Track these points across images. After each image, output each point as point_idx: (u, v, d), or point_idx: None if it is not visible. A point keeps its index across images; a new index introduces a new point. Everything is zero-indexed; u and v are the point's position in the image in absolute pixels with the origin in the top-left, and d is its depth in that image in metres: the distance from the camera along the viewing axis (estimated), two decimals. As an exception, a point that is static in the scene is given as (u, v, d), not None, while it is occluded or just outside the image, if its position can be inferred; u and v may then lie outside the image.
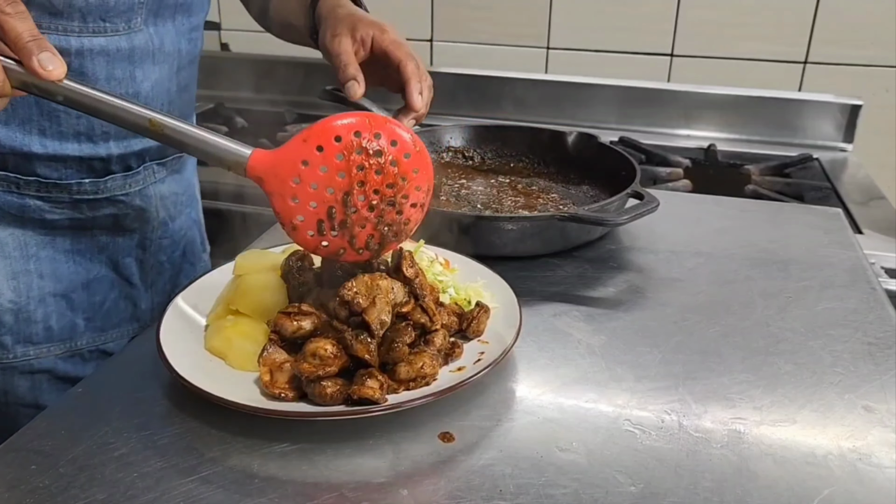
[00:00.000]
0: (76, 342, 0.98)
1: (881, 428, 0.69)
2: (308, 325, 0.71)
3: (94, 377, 0.76)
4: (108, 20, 0.85)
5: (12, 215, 0.90)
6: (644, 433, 0.68)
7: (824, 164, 1.80)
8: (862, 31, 1.86)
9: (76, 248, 0.95)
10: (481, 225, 0.97)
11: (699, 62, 1.97)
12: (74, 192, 0.91)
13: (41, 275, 0.93)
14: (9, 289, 0.91)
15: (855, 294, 0.92)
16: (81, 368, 0.98)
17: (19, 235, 0.91)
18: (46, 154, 0.88)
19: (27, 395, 0.96)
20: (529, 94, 2.03)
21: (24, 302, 0.92)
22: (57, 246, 0.93)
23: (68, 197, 0.91)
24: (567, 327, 0.85)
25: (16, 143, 0.87)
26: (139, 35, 0.89)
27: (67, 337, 0.97)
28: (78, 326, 0.97)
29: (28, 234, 0.91)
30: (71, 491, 0.60)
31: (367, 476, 0.62)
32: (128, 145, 0.93)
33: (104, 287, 0.98)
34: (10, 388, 0.95)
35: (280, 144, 0.67)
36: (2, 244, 0.90)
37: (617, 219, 0.97)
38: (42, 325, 0.94)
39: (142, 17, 0.89)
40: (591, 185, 1.19)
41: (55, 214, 0.91)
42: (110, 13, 0.85)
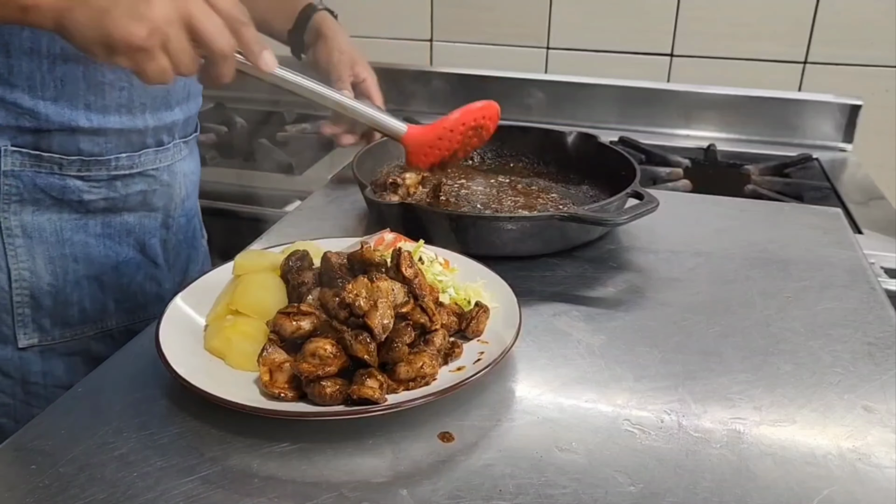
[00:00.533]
0: (107, 323, 1.03)
1: (881, 428, 0.69)
2: (307, 325, 0.71)
3: (95, 377, 0.76)
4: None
5: (52, 199, 0.94)
6: (644, 433, 0.68)
7: (824, 164, 1.80)
8: (862, 32, 1.86)
9: (106, 232, 1.00)
10: (481, 225, 0.97)
11: (699, 62, 1.97)
12: (112, 167, 0.96)
13: (76, 258, 0.98)
14: (47, 273, 0.96)
15: (855, 294, 0.92)
16: (112, 348, 0.99)
17: (55, 221, 0.95)
18: (91, 128, 0.93)
19: (63, 376, 1.00)
20: (529, 94, 2.03)
21: (61, 285, 0.97)
22: (89, 230, 0.98)
23: (106, 174, 0.96)
24: (567, 327, 0.85)
25: (63, 119, 0.91)
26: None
27: (99, 318, 1.02)
28: (109, 308, 1.02)
29: (63, 219, 0.96)
30: (71, 490, 0.60)
31: (367, 476, 0.62)
32: (160, 118, 0.99)
33: (132, 269, 1.04)
34: (49, 370, 1.00)
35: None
36: (40, 230, 0.95)
37: (616, 219, 0.97)
38: (77, 308, 0.99)
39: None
40: (590, 185, 1.20)
41: (92, 195, 0.96)
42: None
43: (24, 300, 0.96)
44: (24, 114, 0.90)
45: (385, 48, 2.14)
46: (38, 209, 0.94)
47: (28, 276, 0.95)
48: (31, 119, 0.90)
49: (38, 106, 0.90)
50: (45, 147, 0.92)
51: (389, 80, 2.09)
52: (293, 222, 1.13)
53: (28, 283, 0.95)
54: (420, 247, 0.88)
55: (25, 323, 0.97)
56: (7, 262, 0.94)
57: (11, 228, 0.93)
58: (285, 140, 1.96)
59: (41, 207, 0.94)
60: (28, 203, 0.93)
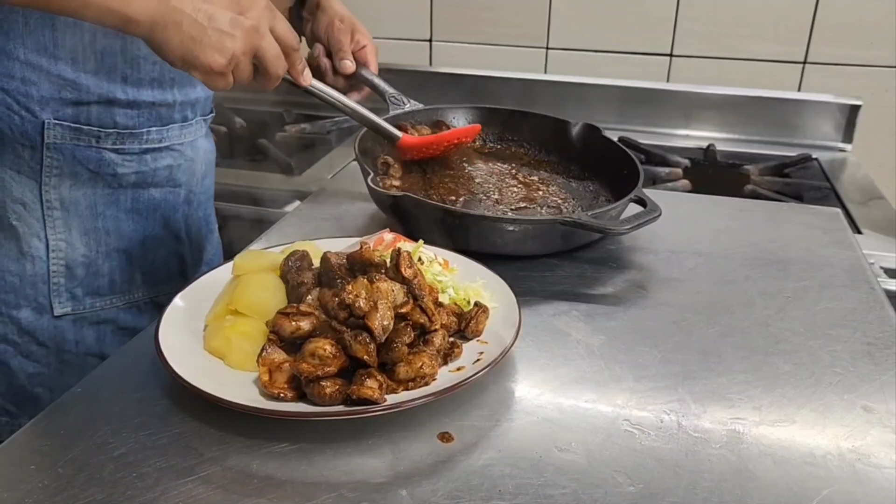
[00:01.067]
0: (134, 294, 1.08)
1: (880, 428, 0.69)
2: (306, 326, 0.71)
3: (94, 377, 0.76)
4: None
5: (89, 172, 0.99)
6: (643, 433, 0.68)
7: (823, 164, 1.80)
8: (861, 32, 1.86)
9: (135, 208, 1.05)
10: (482, 225, 0.97)
11: (698, 62, 1.97)
12: (144, 140, 1.02)
13: (108, 231, 1.03)
14: (82, 244, 1.01)
15: (854, 294, 0.92)
16: (139, 319, 1.08)
17: (90, 195, 1.00)
18: (127, 100, 0.98)
19: (94, 345, 1.05)
20: (529, 94, 2.03)
21: (93, 256, 1.02)
22: (120, 205, 1.03)
23: (138, 147, 1.01)
24: (566, 327, 0.85)
25: (103, 91, 0.96)
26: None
27: (127, 290, 1.07)
28: (136, 280, 1.08)
29: (97, 194, 1.01)
30: (70, 491, 0.60)
31: (366, 476, 0.62)
32: (186, 94, 1.05)
33: (156, 244, 1.09)
34: (81, 339, 1.04)
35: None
36: (76, 203, 1.00)
37: (619, 227, 0.97)
38: (108, 279, 1.04)
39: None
40: (591, 181, 1.18)
41: (125, 168, 1.01)
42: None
43: (59, 270, 1.00)
44: (66, 85, 0.94)
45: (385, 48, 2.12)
46: (75, 183, 0.99)
47: (64, 246, 1.00)
48: (72, 91, 0.95)
49: (79, 78, 0.94)
50: (85, 120, 0.97)
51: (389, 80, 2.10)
52: (293, 222, 1.13)
53: (64, 254, 1.00)
54: (420, 247, 0.88)
55: (60, 292, 1.01)
56: (46, 233, 0.99)
57: (51, 201, 0.98)
58: (285, 140, 1.96)
59: (78, 181, 0.99)
60: (67, 177, 0.98)
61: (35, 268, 0.99)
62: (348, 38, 1.20)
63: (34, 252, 0.99)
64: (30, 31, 0.91)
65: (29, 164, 0.96)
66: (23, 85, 0.93)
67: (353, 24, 1.21)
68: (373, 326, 0.68)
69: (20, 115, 0.94)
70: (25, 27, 0.91)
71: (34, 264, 0.99)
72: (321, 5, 1.23)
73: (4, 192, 0.97)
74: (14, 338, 1.01)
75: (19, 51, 0.92)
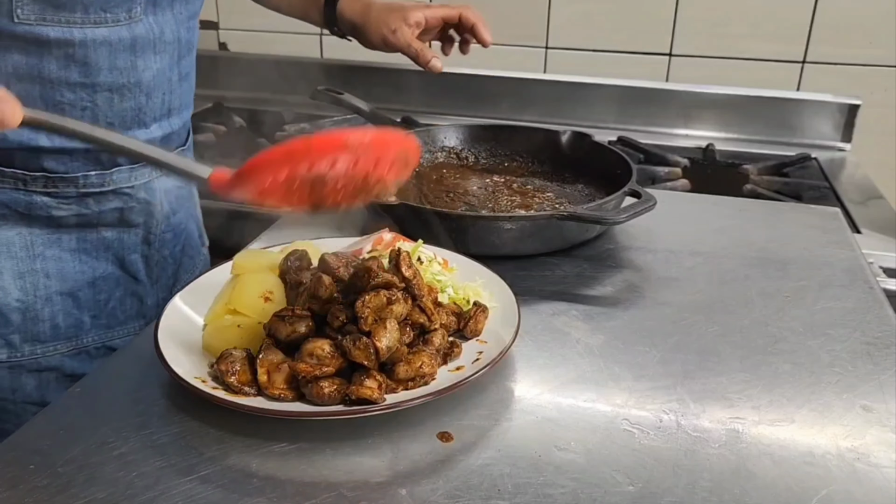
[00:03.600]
0: (82, 339, 0.99)
1: (879, 427, 0.69)
2: (303, 329, 0.71)
3: (93, 377, 0.76)
4: (109, 10, 0.87)
5: (19, 213, 0.91)
6: (642, 433, 0.68)
7: (822, 164, 1.80)
8: (860, 31, 1.86)
9: (82, 247, 0.96)
10: (480, 224, 0.97)
11: (697, 62, 1.97)
12: (81, 185, 0.92)
13: (47, 274, 0.94)
14: (16, 288, 0.93)
15: (853, 294, 0.93)
16: (88, 365, 0.99)
17: (26, 235, 0.92)
18: (53, 147, 0.89)
19: (34, 392, 0.97)
20: (528, 93, 2.03)
21: (31, 301, 0.94)
22: (63, 245, 0.94)
23: (75, 191, 0.92)
24: (565, 326, 0.85)
25: (23, 139, 0.87)
26: (140, 25, 0.91)
27: (74, 335, 0.98)
28: (84, 324, 0.99)
29: (34, 233, 0.92)
30: (70, 490, 0.60)
31: (366, 475, 0.62)
32: (134, 136, 0.93)
33: (110, 285, 1.00)
34: (19, 387, 0.96)
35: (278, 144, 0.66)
36: (8, 244, 0.91)
37: (615, 217, 0.97)
38: (49, 324, 0.96)
39: (141, 7, 0.90)
40: (585, 184, 1.20)
41: (62, 211, 0.92)
42: (111, 3, 0.86)
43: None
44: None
45: (384, 48, 2.13)
46: (6, 223, 0.91)
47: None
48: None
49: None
50: (7, 163, 0.89)
51: (389, 80, 2.10)
52: (292, 222, 1.12)
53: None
54: (419, 247, 0.88)
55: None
56: None
57: None
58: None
59: (9, 222, 0.91)
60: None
61: None
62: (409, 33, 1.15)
63: None
64: None
65: None
66: None
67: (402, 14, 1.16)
68: (380, 347, 0.67)
69: None
70: None
71: None
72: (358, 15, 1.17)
73: None
74: None
75: None
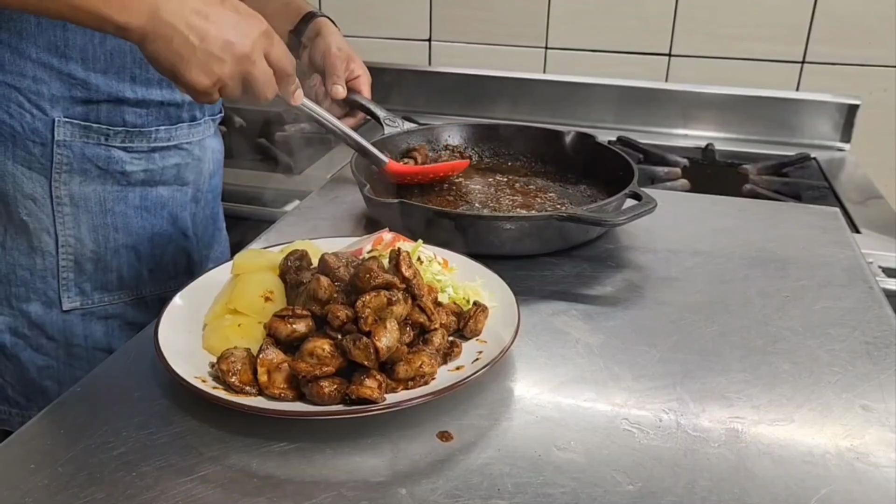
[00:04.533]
0: (141, 290, 1.10)
1: (879, 427, 0.69)
2: (302, 328, 0.71)
3: (93, 377, 0.76)
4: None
5: (98, 169, 1.01)
6: (642, 432, 0.68)
7: (822, 164, 1.81)
8: (859, 31, 1.86)
9: (144, 205, 1.06)
10: (480, 224, 0.97)
11: (697, 62, 1.97)
12: (152, 139, 1.04)
13: (116, 228, 1.05)
14: (91, 240, 1.03)
15: (853, 293, 0.93)
16: (146, 315, 1.09)
17: (100, 192, 1.02)
18: (136, 99, 1.00)
19: (102, 339, 1.07)
20: (528, 93, 2.03)
21: (102, 252, 1.04)
22: (129, 202, 1.05)
23: (147, 145, 1.03)
24: (565, 326, 0.85)
25: (112, 90, 0.98)
26: None
27: (135, 286, 1.09)
28: (143, 276, 1.09)
29: (107, 190, 1.03)
30: (70, 490, 0.60)
31: (366, 475, 0.62)
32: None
33: (164, 240, 1.11)
34: (90, 333, 1.06)
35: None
36: (86, 199, 1.01)
37: (615, 219, 0.97)
38: (116, 275, 1.07)
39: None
40: (588, 185, 1.20)
41: (133, 165, 1.03)
42: None
43: (68, 265, 1.02)
44: (76, 84, 0.96)
45: (384, 48, 2.13)
46: (85, 180, 1.00)
47: (73, 242, 1.02)
48: (83, 89, 0.97)
49: (89, 77, 0.96)
50: (94, 118, 0.99)
51: (388, 79, 2.10)
52: (292, 222, 1.13)
53: (73, 249, 1.02)
54: (419, 246, 0.88)
55: (69, 287, 1.03)
56: (55, 228, 1.01)
57: (61, 197, 1.00)
58: (285, 140, 1.96)
59: (88, 178, 1.01)
60: (76, 173, 1.00)
61: (45, 262, 1.01)
62: (343, 65, 1.23)
63: (44, 247, 1.01)
64: (41, 30, 0.93)
65: (39, 161, 0.98)
66: (34, 83, 0.95)
67: (349, 53, 1.24)
68: (380, 347, 0.67)
69: (31, 113, 0.96)
70: (38, 26, 0.93)
71: (44, 259, 1.01)
72: (321, 33, 1.26)
73: (15, 188, 0.98)
74: (24, 331, 1.04)
75: (31, 50, 0.93)
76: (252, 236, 1.07)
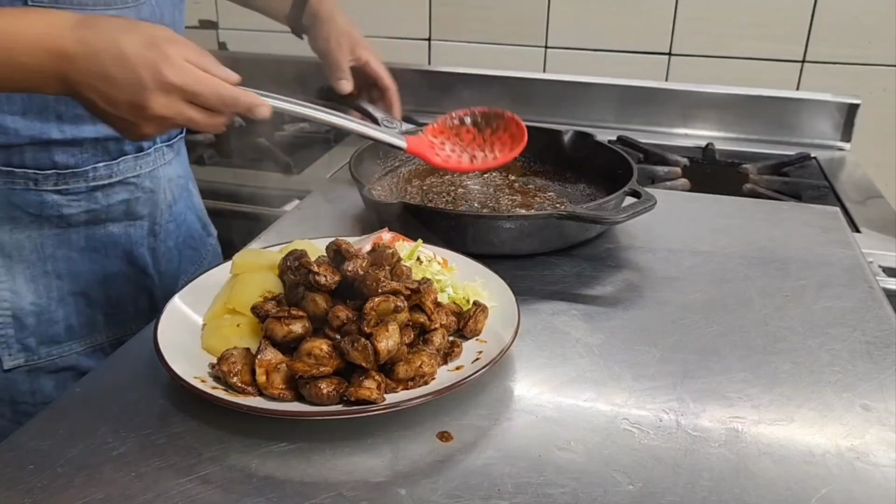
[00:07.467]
0: (97, 337, 1.01)
1: (879, 426, 0.69)
2: (299, 329, 0.71)
3: (93, 377, 0.76)
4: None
5: (30, 216, 0.92)
6: (642, 432, 0.68)
7: (822, 163, 1.80)
8: (860, 31, 1.86)
9: (91, 246, 0.97)
10: (480, 224, 0.97)
11: (697, 61, 1.97)
12: (90, 178, 0.94)
13: (59, 275, 0.96)
14: (29, 292, 0.94)
15: (853, 293, 0.92)
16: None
17: (36, 237, 0.93)
18: (64, 139, 0.90)
19: (53, 393, 0.98)
20: (527, 93, 2.03)
21: (45, 303, 0.95)
22: (72, 244, 0.96)
23: (84, 185, 0.94)
24: (565, 326, 0.85)
25: (35, 132, 0.89)
26: (145, 7, 0.93)
27: (88, 334, 1.00)
28: (98, 322, 1.00)
29: (44, 235, 0.93)
30: (69, 490, 0.60)
31: (366, 475, 0.62)
32: None
33: (120, 281, 1.02)
34: (37, 389, 0.98)
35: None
36: (19, 248, 0.92)
37: (615, 217, 0.97)
38: (64, 325, 0.97)
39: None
40: (587, 184, 1.20)
41: (72, 208, 0.94)
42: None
43: (6, 321, 0.94)
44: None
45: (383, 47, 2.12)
46: (17, 227, 0.92)
47: (9, 296, 0.93)
48: (1, 134, 0.88)
49: (6, 120, 0.88)
50: (18, 163, 0.90)
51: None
52: (291, 221, 1.12)
53: (10, 304, 0.93)
54: (419, 246, 0.88)
55: (10, 344, 0.94)
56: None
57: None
58: (284, 139, 1.96)
59: (19, 225, 0.92)
60: (5, 221, 0.91)
61: None
62: (346, 55, 1.15)
63: None
64: None
65: None
66: None
67: (351, 39, 1.16)
68: (380, 350, 0.67)
69: None
70: None
71: None
72: (320, 17, 1.17)
73: None
74: None
75: None
76: (251, 236, 1.07)
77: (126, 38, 0.70)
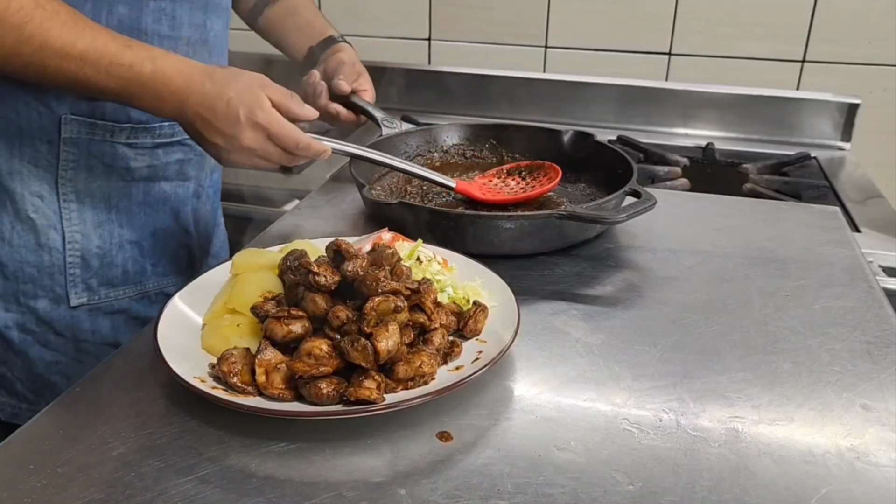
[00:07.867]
0: (145, 285, 1.12)
1: (879, 426, 0.69)
2: (299, 329, 0.71)
3: (93, 377, 0.76)
4: None
5: (104, 166, 1.03)
6: (642, 432, 0.68)
7: (822, 163, 1.80)
8: (860, 30, 1.86)
9: (147, 200, 1.09)
10: (479, 223, 0.97)
11: (697, 61, 1.97)
12: (156, 134, 1.05)
13: (120, 224, 1.07)
14: (96, 236, 1.05)
15: (853, 293, 0.92)
16: (150, 310, 1.12)
17: (105, 187, 1.04)
18: None
19: (109, 334, 1.09)
20: (527, 93, 2.03)
21: (107, 248, 1.06)
22: (132, 198, 1.07)
23: (151, 141, 1.05)
24: (565, 326, 0.85)
25: None
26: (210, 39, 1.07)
27: (139, 280, 1.11)
28: (147, 271, 1.12)
29: (111, 186, 1.05)
30: (69, 491, 0.60)
31: (365, 475, 0.62)
32: None
33: (167, 236, 1.13)
34: (97, 328, 1.08)
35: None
36: (91, 196, 1.04)
37: (615, 217, 0.97)
38: (121, 269, 1.08)
39: None
40: (587, 184, 1.20)
41: (137, 162, 1.05)
42: None
43: (75, 261, 1.04)
44: None
45: (383, 47, 2.13)
46: (90, 176, 1.03)
47: (80, 238, 1.04)
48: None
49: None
50: (100, 115, 1.00)
51: (388, 79, 2.10)
52: (291, 221, 1.13)
53: (79, 246, 1.04)
54: (418, 246, 0.88)
55: (76, 283, 1.05)
56: (62, 225, 1.03)
57: (67, 194, 1.02)
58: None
59: (93, 175, 1.03)
60: (82, 170, 1.02)
61: (52, 259, 1.03)
62: (353, 76, 1.24)
63: (51, 243, 1.02)
64: None
65: (46, 158, 0.99)
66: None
67: (361, 69, 1.26)
68: (380, 350, 0.67)
69: (37, 111, 0.97)
70: None
71: (51, 255, 1.03)
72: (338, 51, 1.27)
73: (23, 186, 1.00)
74: (32, 327, 1.05)
75: None
76: (251, 236, 1.07)
77: (233, 84, 0.89)
